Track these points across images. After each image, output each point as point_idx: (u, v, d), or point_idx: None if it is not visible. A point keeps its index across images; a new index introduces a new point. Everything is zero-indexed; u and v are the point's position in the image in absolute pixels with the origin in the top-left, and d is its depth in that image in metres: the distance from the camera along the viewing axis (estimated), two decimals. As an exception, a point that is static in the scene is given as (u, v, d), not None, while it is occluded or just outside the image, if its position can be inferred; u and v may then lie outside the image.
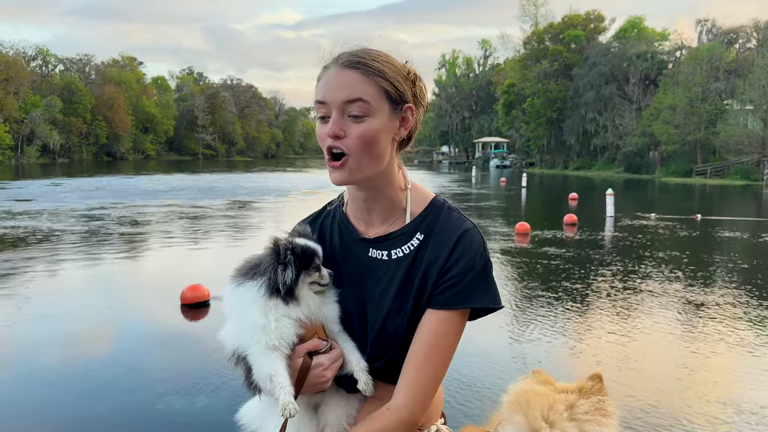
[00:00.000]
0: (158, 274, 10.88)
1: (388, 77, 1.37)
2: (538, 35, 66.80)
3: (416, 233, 1.45)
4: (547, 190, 37.33)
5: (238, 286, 1.42)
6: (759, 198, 31.80)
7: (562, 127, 63.85)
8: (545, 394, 1.21)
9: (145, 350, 6.67)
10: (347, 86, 1.34)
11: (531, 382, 1.28)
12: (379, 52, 1.40)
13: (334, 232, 1.55)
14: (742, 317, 7.95)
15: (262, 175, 49.32)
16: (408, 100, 1.41)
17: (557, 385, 1.26)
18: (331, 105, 1.36)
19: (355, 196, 1.50)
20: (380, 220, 1.49)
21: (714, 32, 59.84)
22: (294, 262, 1.39)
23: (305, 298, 1.40)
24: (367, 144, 1.36)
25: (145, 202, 23.82)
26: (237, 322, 1.43)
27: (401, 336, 1.41)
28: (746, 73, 46.64)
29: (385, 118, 1.37)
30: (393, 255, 1.45)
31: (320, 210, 1.65)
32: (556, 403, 1.19)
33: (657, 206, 23.81)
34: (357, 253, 1.50)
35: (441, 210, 1.47)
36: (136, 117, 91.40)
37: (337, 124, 1.35)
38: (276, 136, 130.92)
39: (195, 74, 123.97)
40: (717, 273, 11.15)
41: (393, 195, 1.48)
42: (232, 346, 1.44)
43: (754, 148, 44.77)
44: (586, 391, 1.21)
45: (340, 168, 1.38)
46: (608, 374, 5.78)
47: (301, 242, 1.44)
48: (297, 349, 1.38)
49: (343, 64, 1.36)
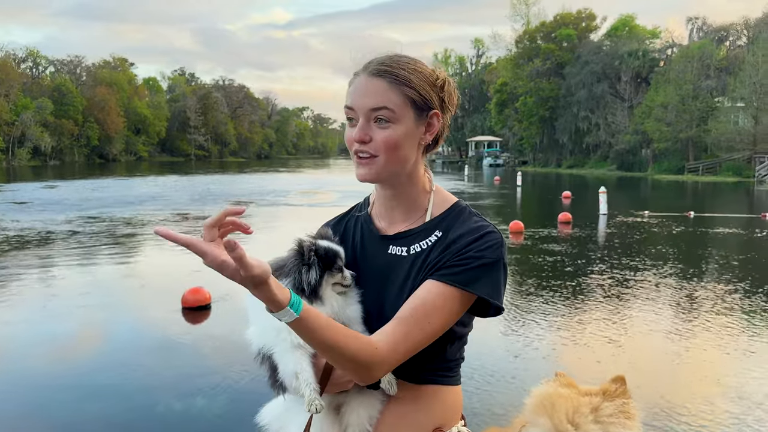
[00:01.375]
0: (159, 277, 10.86)
1: (413, 85, 1.43)
2: (530, 34, 66.92)
3: (435, 230, 1.50)
4: (541, 189, 37.44)
5: None
6: (751, 195, 32.00)
7: (555, 125, 64.02)
8: (570, 397, 1.24)
9: (144, 353, 6.67)
10: (373, 94, 1.42)
11: (554, 385, 1.31)
12: (408, 58, 1.47)
13: (357, 233, 1.61)
14: (736, 311, 8.04)
15: (257, 176, 49.17)
16: (434, 106, 1.47)
17: (581, 388, 1.29)
18: (358, 111, 1.44)
19: (380, 195, 1.58)
20: (402, 219, 1.55)
21: (705, 30, 60.14)
22: (318, 263, 1.43)
23: (329, 298, 1.44)
24: (390, 148, 1.42)
25: (141, 204, 23.76)
26: (262, 322, 1.45)
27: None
28: (737, 71, 46.90)
29: (410, 125, 1.44)
30: (412, 250, 1.50)
31: (346, 212, 1.71)
32: (581, 406, 1.22)
33: (650, 204, 23.95)
34: (377, 252, 1.55)
35: (462, 213, 1.53)
36: (127, 118, 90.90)
37: (363, 130, 1.43)
38: (269, 137, 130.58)
39: (187, 75, 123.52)
40: (711, 269, 11.26)
41: (416, 196, 1.54)
42: (258, 345, 1.47)
43: (745, 145, 45.04)
44: (610, 393, 1.24)
45: (365, 166, 1.45)
46: (605, 369, 5.85)
47: (324, 244, 1.48)
48: None
49: (371, 72, 1.43)
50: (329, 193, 29.62)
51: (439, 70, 1.51)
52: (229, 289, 8.90)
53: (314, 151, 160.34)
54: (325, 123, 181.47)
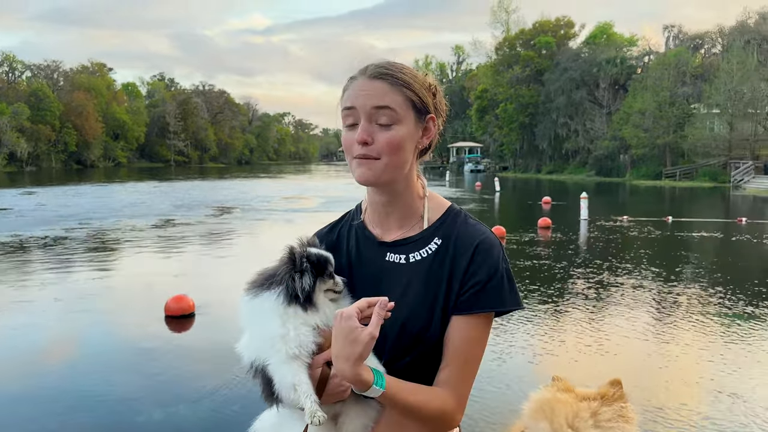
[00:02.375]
0: (141, 285, 10.73)
1: (413, 88, 1.44)
2: (509, 41, 67.50)
3: (434, 238, 1.50)
4: (521, 194, 37.69)
5: (254, 297, 1.43)
6: (727, 199, 32.53)
7: (535, 131, 64.56)
8: (569, 402, 1.26)
9: (126, 362, 6.59)
10: (376, 94, 1.41)
11: (553, 390, 1.32)
12: (403, 65, 1.48)
13: (351, 239, 1.60)
14: (716, 314, 8.17)
15: (238, 182, 48.83)
16: (431, 110, 1.49)
17: (578, 392, 1.31)
18: (359, 110, 1.42)
19: (375, 201, 1.55)
20: (397, 226, 1.54)
21: (680, 38, 61.13)
22: (310, 269, 1.42)
23: (322, 305, 1.42)
24: (394, 150, 1.42)
25: (122, 211, 23.49)
26: (255, 333, 1.44)
27: (420, 339, 1.44)
28: (712, 78, 47.72)
29: (411, 127, 1.45)
30: (411, 258, 1.50)
31: (338, 219, 1.70)
32: (580, 411, 1.24)
33: (629, 209, 24.22)
34: (374, 258, 1.54)
35: (458, 217, 1.53)
36: (106, 124, 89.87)
37: (366, 131, 1.41)
38: (249, 142, 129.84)
39: (166, 80, 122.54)
40: (690, 272, 11.43)
41: (411, 201, 1.54)
42: (250, 358, 1.43)
43: (720, 150, 45.83)
44: (608, 397, 1.26)
45: (365, 166, 1.43)
46: (585, 370, 5.90)
47: (314, 250, 1.47)
48: (315, 359, 1.39)
49: (372, 75, 1.43)
50: (312, 199, 29.57)
51: (429, 77, 1.52)
52: (212, 298, 8.85)
53: (295, 156, 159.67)
54: (307, 129, 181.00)
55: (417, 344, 1.45)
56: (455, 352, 1.43)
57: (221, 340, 6.87)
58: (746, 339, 7.20)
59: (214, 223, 20.06)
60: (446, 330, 1.45)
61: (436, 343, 1.45)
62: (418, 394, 1.38)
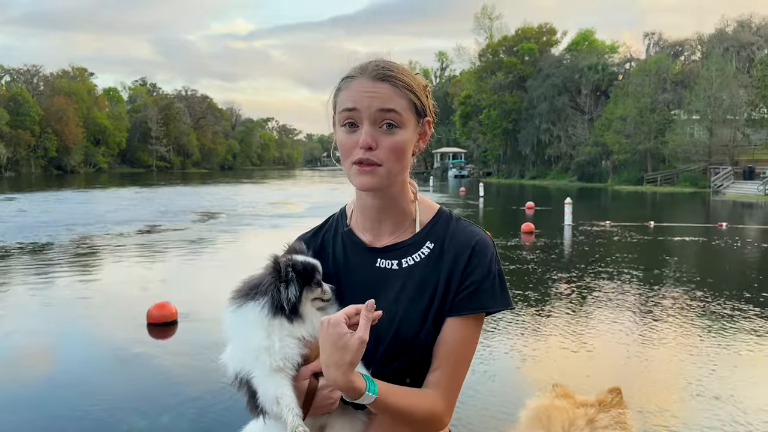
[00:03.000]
0: (123, 292, 10.57)
1: (414, 90, 1.41)
2: (492, 48, 67.93)
3: (426, 242, 1.48)
4: (505, 200, 37.87)
5: (238, 308, 1.39)
6: (707, 204, 32.95)
7: (518, 137, 64.99)
8: (565, 409, 1.24)
9: (107, 370, 6.50)
10: (380, 96, 1.36)
11: (550, 397, 1.31)
12: (403, 66, 1.44)
13: (337, 245, 1.56)
14: (696, 316, 8.25)
15: (222, 188, 48.55)
16: (428, 113, 1.46)
17: (577, 399, 1.29)
18: (362, 112, 1.37)
19: (368, 206, 1.51)
20: (389, 231, 1.51)
21: (661, 45, 62.00)
22: (296, 278, 1.38)
23: (309, 315, 1.39)
24: (398, 156, 1.39)
25: (104, 218, 23.23)
26: (239, 344, 1.40)
27: (413, 344, 1.42)
28: (692, 85, 48.39)
29: (412, 131, 1.42)
30: (404, 263, 1.47)
31: (321, 224, 1.65)
32: (576, 418, 1.22)
33: (611, 214, 24.42)
34: (364, 265, 1.51)
35: (449, 220, 1.52)
36: (87, 129, 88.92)
37: (372, 135, 1.36)
38: (233, 148, 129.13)
39: (148, 85, 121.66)
40: (672, 276, 11.53)
41: (405, 206, 1.51)
42: (235, 369, 1.40)
43: (700, 156, 46.44)
44: (605, 404, 1.25)
45: (371, 173, 1.38)
46: (568, 373, 5.91)
47: (301, 258, 1.43)
48: (302, 371, 1.36)
49: (374, 76, 1.38)
50: (298, 204, 29.47)
51: (420, 76, 1.48)
52: (196, 305, 8.76)
53: (279, 162, 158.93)
54: (291, 134, 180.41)
55: (408, 349, 1.43)
56: (447, 354, 1.42)
57: (204, 348, 6.80)
58: (728, 342, 7.27)
59: (199, 229, 19.90)
60: (439, 332, 1.43)
61: (427, 348, 1.44)
62: (409, 397, 1.36)
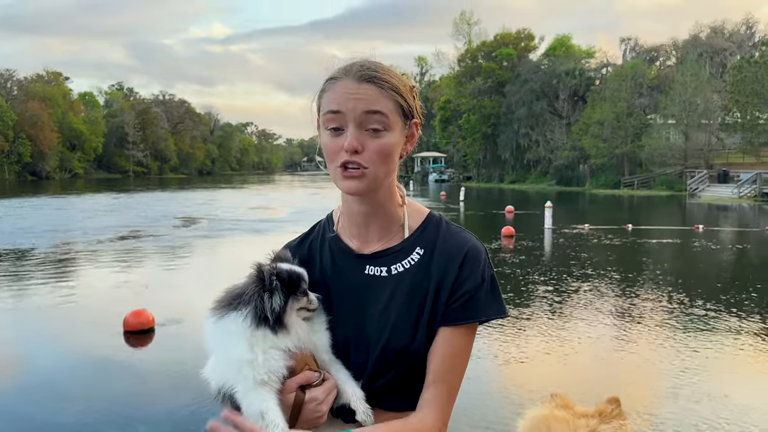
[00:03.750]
0: (99, 299, 10.37)
1: (400, 92, 1.36)
2: (471, 53, 68.40)
3: (415, 248, 1.43)
4: (485, 204, 38.05)
5: (220, 319, 1.33)
6: (683, 207, 33.42)
7: (497, 141, 65.45)
8: (566, 420, 1.20)
9: (82, 380, 6.35)
10: (366, 98, 1.31)
11: (550, 407, 1.26)
12: (389, 68, 1.39)
13: (324, 252, 1.50)
14: (674, 318, 8.33)
15: (201, 193, 48.09)
16: (415, 115, 1.41)
17: (576, 410, 1.25)
18: (347, 115, 1.31)
19: (355, 212, 1.45)
20: (377, 237, 1.46)
21: (637, 50, 62.96)
22: (280, 287, 1.32)
23: (294, 326, 1.33)
24: (384, 159, 1.34)
25: (82, 223, 22.85)
26: (221, 357, 1.34)
27: (406, 354, 1.37)
28: (667, 89, 49.15)
29: (399, 134, 1.37)
30: (393, 270, 1.42)
31: (308, 231, 1.59)
32: (577, 429, 1.18)
33: (589, 217, 24.63)
34: (352, 272, 1.45)
35: (439, 225, 1.46)
36: (62, 134, 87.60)
37: (357, 139, 1.31)
38: (211, 153, 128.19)
39: (125, 90, 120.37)
40: (650, 278, 11.63)
41: (393, 211, 1.45)
42: (217, 383, 1.33)
43: (676, 160, 47.17)
44: (606, 415, 1.20)
45: (355, 179, 1.33)
46: (548, 376, 5.90)
47: (286, 266, 1.37)
48: (287, 383, 1.30)
49: (359, 77, 1.33)
50: (280, 209, 29.30)
51: (408, 77, 1.44)
52: (173, 312, 8.61)
53: (259, 167, 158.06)
54: (270, 138, 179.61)
55: (400, 360, 1.38)
56: (441, 366, 1.37)
57: (182, 357, 6.67)
58: (706, 344, 7.32)
59: (178, 234, 19.65)
60: (432, 342, 1.38)
61: (420, 357, 1.38)
62: (397, 426, 1.33)
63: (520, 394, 5.72)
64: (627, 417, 1.23)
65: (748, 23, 61.46)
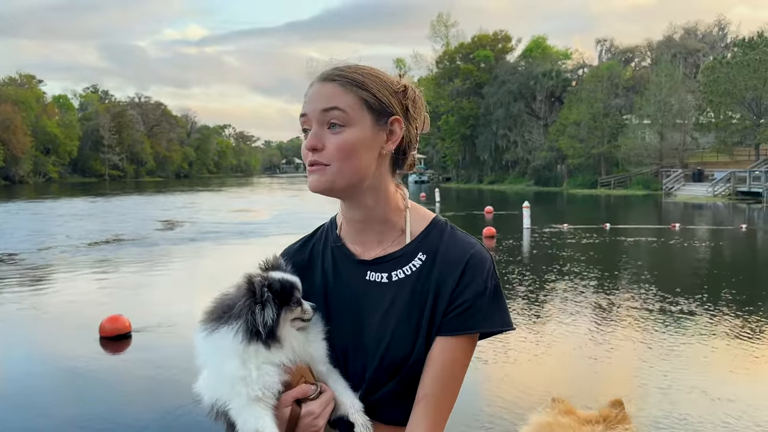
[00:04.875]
0: (74, 304, 10.15)
1: (367, 87, 1.31)
2: (449, 55, 68.75)
3: (417, 254, 1.37)
4: (464, 205, 38.19)
5: (210, 333, 1.27)
6: (659, 206, 33.87)
7: (476, 143, 65.84)
8: (571, 427, 1.15)
9: (57, 387, 6.20)
10: (324, 97, 1.30)
11: (553, 413, 1.21)
12: (366, 66, 1.35)
13: (327, 257, 1.45)
14: (653, 316, 8.41)
15: (180, 197, 47.60)
16: (395, 112, 1.34)
17: (580, 415, 1.20)
18: (310, 116, 1.31)
19: (349, 218, 1.41)
20: (376, 242, 1.40)
21: (612, 51, 63.77)
22: (273, 299, 1.25)
23: (288, 338, 1.27)
24: (345, 155, 1.29)
25: (59, 229, 22.45)
26: (213, 372, 1.29)
27: (405, 364, 1.32)
28: (643, 90, 49.86)
29: (366, 130, 1.31)
30: (394, 277, 1.36)
31: (311, 234, 1.54)
32: None
33: (568, 217, 24.85)
34: (353, 278, 1.40)
35: (444, 230, 1.41)
36: (36, 138, 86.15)
37: (315, 137, 1.30)
38: (188, 155, 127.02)
39: (100, 92, 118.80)
40: (629, 276, 11.75)
41: (390, 215, 1.40)
42: (210, 399, 1.28)
43: (652, 159, 47.84)
44: (611, 419, 1.16)
45: (316, 173, 1.30)
46: (527, 376, 5.90)
47: (278, 276, 1.30)
48: (283, 397, 1.25)
49: (323, 78, 1.33)
50: (261, 212, 29.10)
51: (403, 77, 1.38)
52: (151, 317, 8.46)
53: (237, 169, 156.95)
54: (248, 141, 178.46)
55: (399, 371, 1.32)
56: (435, 380, 1.31)
57: (159, 362, 6.55)
58: (684, 340, 7.39)
59: (160, 238, 19.38)
60: (428, 352, 1.33)
61: (421, 369, 1.33)
62: None
63: (499, 394, 5.70)
64: (631, 420, 1.19)
65: (720, 24, 62.70)
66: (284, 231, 18.83)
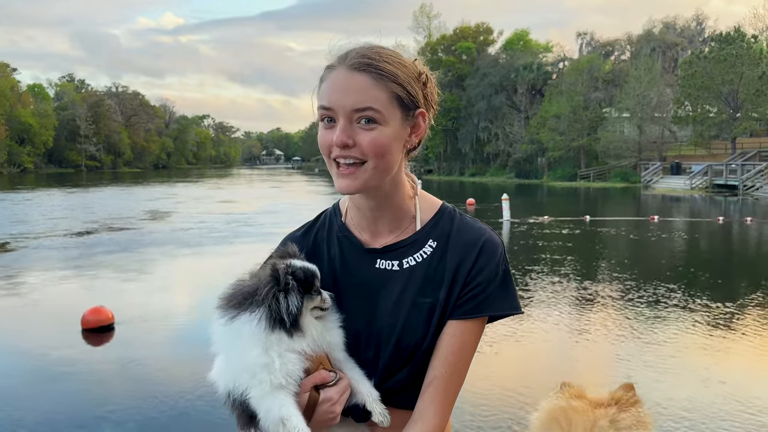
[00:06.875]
0: (55, 297, 10.01)
1: (400, 81, 1.27)
2: (431, 46, 68.62)
3: (428, 240, 1.37)
4: (446, 197, 38.12)
5: (231, 320, 1.24)
6: (638, 199, 34.27)
7: (458, 135, 65.92)
8: (585, 411, 1.16)
9: (39, 380, 6.10)
10: (356, 91, 1.23)
11: (565, 397, 1.22)
12: (390, 50, 1.30)
13: (333, 245, 1.43)
14: (632, 306, 8.52)
15: (157, 189, 47.05)
16: (420, 104, 1.32)
17: (591, 399, 1.21)
18: (338, 111, 1.25)
19: (361, 205, 1.39)
20: (388, 230, 1.39)
21: (593, 45, 64.16)
22: (297, 287, 1.24)
23: (308, 326, 1.26)
24: (380, 153, 1.26)
25: (36, 221, 22.08)
26: (232, 360, 1.26)
27: (418, 350, 1.32)
28: (622, 83, 50.29)
29: (397, 126, 1.28)
30: (405, 264, 1.36)
31: (313, 220, 1.51)
32: (598, 419, 1.14)
33: (548, 209, 25.03)
34: (362, 266, 1.39)
35: (453, 216, 1.41)
36: (10, 127, 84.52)
37: (345, 132, 1.24)
38: (167, 146, 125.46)
39: (76, 82, 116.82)
40: (609, 267, 11.88)
41: (402, 203, 1.39)
42: (226, 387, 1.26)
43: (631, 152, 48.36)
44: (623, 403, 1.17)
45: (350, 176, 1.27)
46: (506, 358, 5.95)
47: (300, 264, 1.28)
48: (302, 383, 1.25)
49: (352, 66, 1.25)
50: (245, 203, 28.86)
51: (419, 62, 1.35)
52: (133, 308, 8.37)
53: (216, 160, 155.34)
54: (228, 132, 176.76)
55: (412, 357, 1.33)
56: (444, 363, 1.32)
57: (142, 354, 6.49)
58: (664, 329, 7.50)
59: (143, 230, 19.16)
60: (439, 336, 1.33)
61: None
62: None
63: (476, 383, 5.74)
64: (642, 403, 1.20)
65: (698, 19, 63.40)
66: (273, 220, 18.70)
